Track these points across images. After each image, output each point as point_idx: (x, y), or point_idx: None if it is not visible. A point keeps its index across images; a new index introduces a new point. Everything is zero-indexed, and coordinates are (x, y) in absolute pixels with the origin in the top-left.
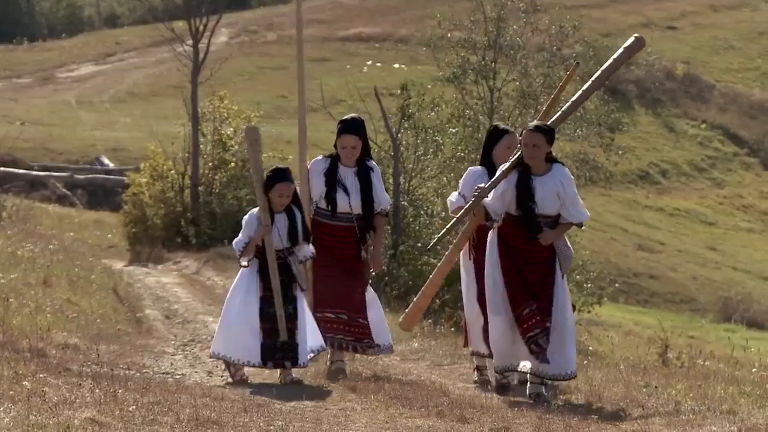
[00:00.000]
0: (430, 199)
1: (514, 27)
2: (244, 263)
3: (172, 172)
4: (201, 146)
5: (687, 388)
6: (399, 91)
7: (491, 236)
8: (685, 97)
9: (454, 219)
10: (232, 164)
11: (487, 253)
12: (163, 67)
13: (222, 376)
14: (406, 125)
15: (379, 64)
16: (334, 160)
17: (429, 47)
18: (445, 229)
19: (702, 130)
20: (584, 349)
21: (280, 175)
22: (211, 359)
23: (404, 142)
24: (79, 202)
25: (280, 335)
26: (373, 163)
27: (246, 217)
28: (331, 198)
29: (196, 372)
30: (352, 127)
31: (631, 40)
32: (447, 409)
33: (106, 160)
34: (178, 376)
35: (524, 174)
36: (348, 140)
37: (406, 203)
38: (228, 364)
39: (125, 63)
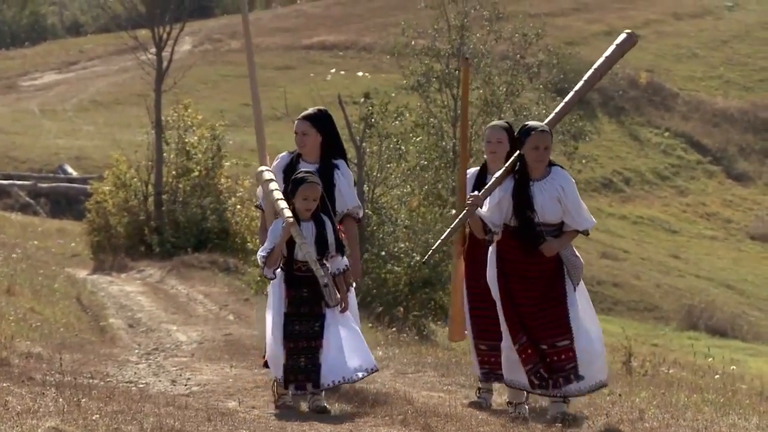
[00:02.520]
0: (394, 207)
1: (478, 35)
2: (269, 274)
3: (136, 180)
4: (164, 154)
5: (651, 395)
6: (362, 100)
7: (490, 253)
8: (648, 106)
9: (449, 230)
10: (196, 172)
11: (488, 272)
12: (126, 76)
13: (186, 385)
14: (368, 133)
15: (342, 72)
16: (296, 157)
17: (393, 55)
18: (439, 241)
19: (665, 138)
20: None
21: (304, 177)
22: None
23: (368, 150)
24: (42, 210)
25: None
26: (343, 162)
27: (271, 226)
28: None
29: (159, 381)
30: (306, 115)
31: (622, 36)
32: (411, 417)
33: (69, 169)
34: (141, 385)
35: (521, 180)
36: (298, 125)
37: (369, 211)
38: (274, 385)
39: (88, 71)
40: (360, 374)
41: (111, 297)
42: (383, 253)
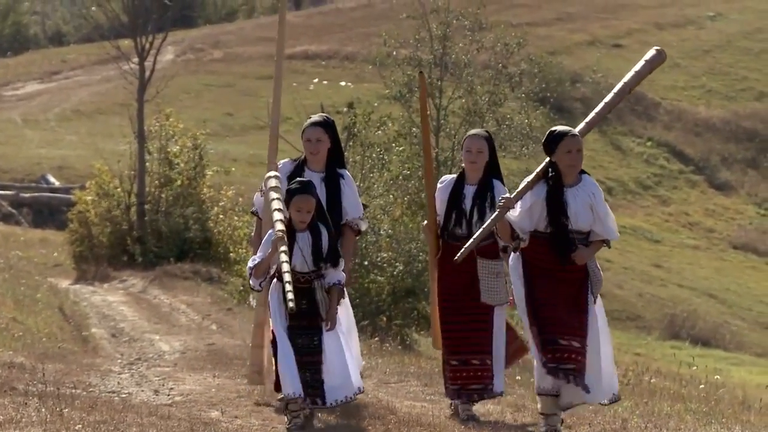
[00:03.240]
0: (377, 217)
1: (460, 45)
2: (256, 286)
3: (118, 190)
4: (147, 164)
5: (633, 405)
6: (345, 109)
7: (513, 261)
8: (630, 115)
9: (478, 233)
10: (179, 182)
11: (512, 279)
12: (109, 85)
13: (169, 395)
14: (351, 143)
15: (325, 82)
16: (300, 164)
17: (375, 65)
18: (470, 242)
19: (648, 147)
20: (531, 367)
21: (298, 187)
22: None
23: (351, 160)
24: (24, 220)
25: (287, 308)
26: (347, 171)
27: (265, 236)
28: None
29: (142, 391)
30: (318, 121)
31: (652, 52)
32: (394, 427)
33: (51, 179)
34: (124, 395)
35: (555, 185)
36: (312, 132)
37: None
38: (287, 405)
39: (71, 81)
40: (353, 395)
41: (93, 307)
42: (366, 262)
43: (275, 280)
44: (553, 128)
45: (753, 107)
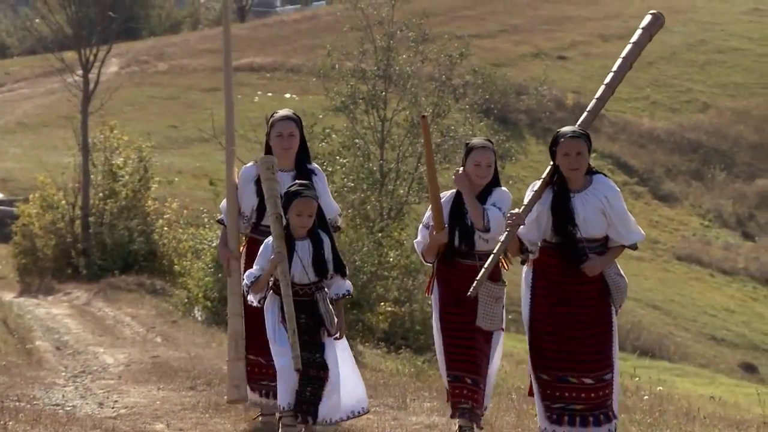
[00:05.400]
0: None
1: (404, 56)
2: (254, 302)
3: (63, 202)
4: (91, 176)
5: None
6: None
7: (525, 273)
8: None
9: (488, 261)
10: (123, 194)
11: (522, 293)
12: (53, 98)
13: (113, 408)
14: None
15: (270, 94)
16: None
17: (319, 77)
18: (480, 274)
19: (592, 159)
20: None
21: (299, 189)
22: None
23: None
24: None
25: (293, 364)
26: (317, 166)
27: (261, 246)
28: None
29: (87, 403)
30: (290, 115)
31: (648, 18)
32: None
33: None
34: (69, 408)
35: (561, 192)
36: (285, 126)
37: None
38: (280, 418)
39: (15, 93)
40: (351, 414)
41: (38, 319)
42: None
43: (272, 292)
44: (559, 129)
45: (697, 119)
